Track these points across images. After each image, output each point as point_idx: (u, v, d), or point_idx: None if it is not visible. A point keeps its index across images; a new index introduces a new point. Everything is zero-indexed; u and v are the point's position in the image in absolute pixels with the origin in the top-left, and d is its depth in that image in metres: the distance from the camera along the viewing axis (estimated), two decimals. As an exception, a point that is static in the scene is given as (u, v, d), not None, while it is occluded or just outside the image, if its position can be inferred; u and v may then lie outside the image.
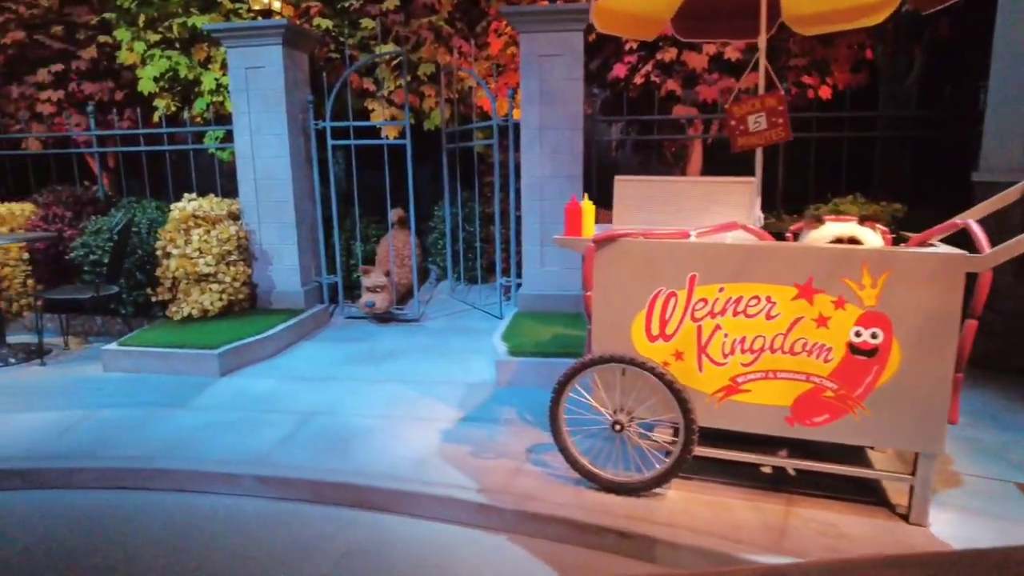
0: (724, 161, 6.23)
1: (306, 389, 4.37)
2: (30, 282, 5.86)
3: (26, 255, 5.80)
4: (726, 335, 2.76)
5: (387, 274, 5.95)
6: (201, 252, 5.35)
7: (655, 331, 2.87)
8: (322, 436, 3.63)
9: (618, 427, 2.94)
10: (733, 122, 3.91)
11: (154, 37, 6.28)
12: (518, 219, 5.94)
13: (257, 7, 5.63)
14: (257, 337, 5.01)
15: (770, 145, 3.90)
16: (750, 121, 3.86)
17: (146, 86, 6.34)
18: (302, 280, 5.92)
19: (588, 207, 3.07)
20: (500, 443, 3.52)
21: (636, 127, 5.66)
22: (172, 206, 5.50)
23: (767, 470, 3.10)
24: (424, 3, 6.06)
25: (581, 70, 5.23)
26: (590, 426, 3.07)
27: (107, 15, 6.55)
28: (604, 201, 3.50)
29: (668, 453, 2.90)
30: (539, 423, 3.75)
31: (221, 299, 5.46)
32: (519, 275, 5.89)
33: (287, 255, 5.87)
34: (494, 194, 6.34)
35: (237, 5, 6.14)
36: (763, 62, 3.92)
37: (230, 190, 6.58)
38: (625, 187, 3.24)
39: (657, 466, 2.89)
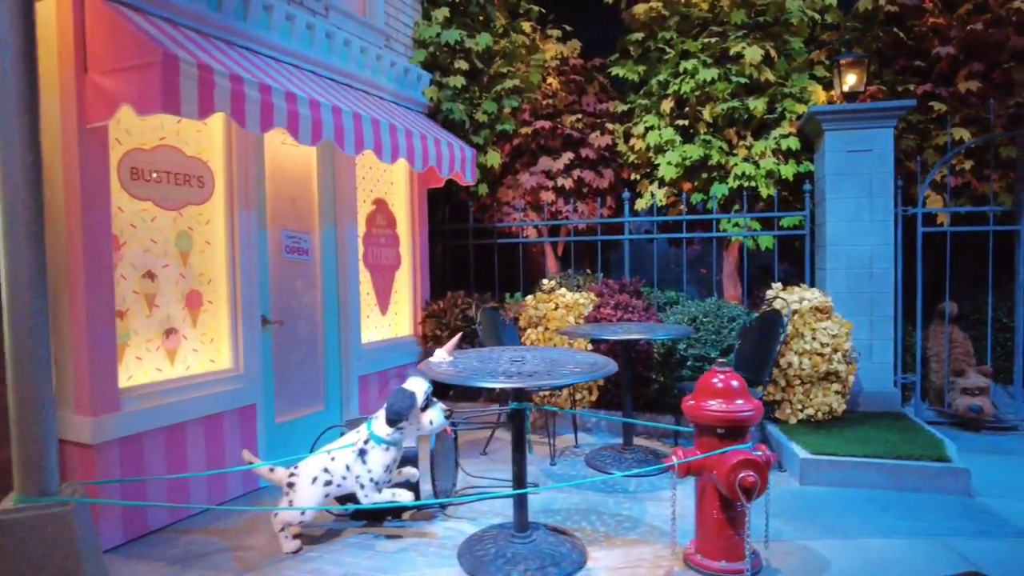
0: None
1: None
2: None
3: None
4: None
5: (987, 375, 5.27)
6: (833, 348, 4.83)
7: None
8: None
9: None
10: None
11: (680, 123, 6.11)
12: None
13: (846, 88, 5.35)
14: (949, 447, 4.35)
15: None
16: None
17: (667, 172, 6.11)
18: (893, 380, 5.31)
19: None
20: None
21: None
22: (783, 295, 5.07)
23: None
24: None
25: None
26: None
27: (625, 104, 6.48)
28: None
29: None
30: None
31: (843, 400, 4.89)
32: None
33: (879, 351, 5.30)
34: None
35: (785, 88, 5.93)
36: None
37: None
38: None
39: None
